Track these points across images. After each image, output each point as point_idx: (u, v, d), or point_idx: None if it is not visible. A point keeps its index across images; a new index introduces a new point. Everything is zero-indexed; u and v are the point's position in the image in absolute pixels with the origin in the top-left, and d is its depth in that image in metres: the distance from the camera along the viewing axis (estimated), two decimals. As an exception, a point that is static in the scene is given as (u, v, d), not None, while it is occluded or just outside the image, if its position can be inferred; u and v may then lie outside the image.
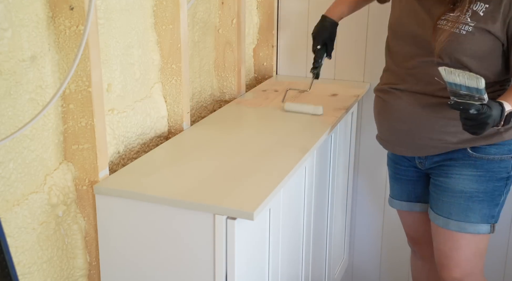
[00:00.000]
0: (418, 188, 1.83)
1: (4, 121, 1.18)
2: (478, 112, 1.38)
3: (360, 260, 2.59)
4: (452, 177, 1.67)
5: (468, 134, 1.56)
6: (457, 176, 1.66)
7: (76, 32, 1.29)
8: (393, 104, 1.69)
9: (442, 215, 1.68)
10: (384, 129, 1.76)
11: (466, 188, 1.65)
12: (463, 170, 1.65)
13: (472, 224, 1.65)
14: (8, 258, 0.96)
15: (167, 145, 1.66)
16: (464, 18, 1.54)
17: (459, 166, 1.65)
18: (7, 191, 1.21)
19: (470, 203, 1.64)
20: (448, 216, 1.67)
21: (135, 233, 1.38)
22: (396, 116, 1.69)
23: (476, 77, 1.36)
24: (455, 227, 1.66)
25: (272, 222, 1.45)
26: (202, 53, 2.02)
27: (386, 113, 1.72)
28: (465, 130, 1.45)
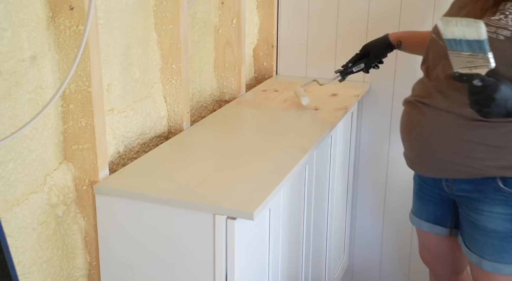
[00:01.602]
0: (439, 210, 1.70)
1: (4, 121, 1.18)
2: (483, 84, 1.24)
3: (360, 260, 2.59)
4: (482, 214, 1.52)
5: (498, 161, 1.46)
6: (487, 214, 1.51)
7: (76, 32, 1.29)
8: (416, 119, 1.57)
9: (476, 253, 1.56)
10: (406, 145, 1.65)
11: (499, 227, 1.50)
12: (494, 207, 1.50)
13: (507, 265, 1.52)
14: (8, 258, 0.96)
15: (167, 145, 1.66)
16: (506, 21, 1.38)
17: (490, 202, 1.50)
18: (7, 191, 1.21)
19: (504, 244, 1.51)
20: (482, 255, 1.54)
21: (135, 233, 1.38)
22: (417, 133, 1.57)
23: (474, 21, 1.19)
24: (489, 267, 1.54)
25: (272, 222, 1.45)
26: (202, 53, 2.02)
27: (409, 128, 1.62)
28: (471, 108, 1.31)
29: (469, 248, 1.58)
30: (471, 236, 1.57)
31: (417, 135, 1.58)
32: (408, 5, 2.24)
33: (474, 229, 1.56)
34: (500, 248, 1.51)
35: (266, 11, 2.40)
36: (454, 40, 1.24)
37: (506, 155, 1.45)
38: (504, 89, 1.25)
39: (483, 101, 1.27)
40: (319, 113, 1.95)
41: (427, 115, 1.54)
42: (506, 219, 1.49)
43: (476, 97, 1.28)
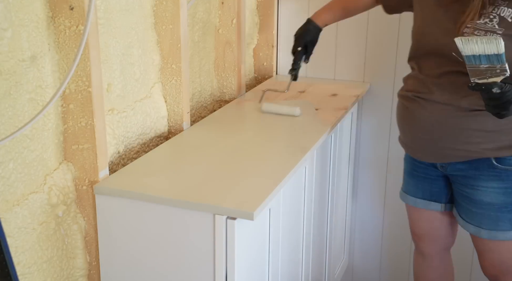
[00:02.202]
0: (435, 187, 1.80)
1: (4, 121, 1.18)
2: (502, 90, 1.34)
3: (360, 260, 2.59)
4: (478, 189, 1.64)
5: (493, 143, 1.58)
6: (483, 189, 1.64)
7: (76, 32, 1.29)
8: (416, 113, 1.67)
9: (473, 224, 1.68)
10: (406, 135, 1.75)
11: (494, 200, 1.63)
12: (489, 182, 1.62)
13: (503, 232, 1.65)
14: (8, 258, 0.96)
15: (167, 145, 1.66)
16: (492, 25, 1.48)
17: (485, 178, 1.63)
18: (7, 191, 1.21)
19: (499, 214, 1.64)
20: (479, 225, 1.67)
21: (135, 233, 1.38)
22: (419, 126, 1.67)
23: (494, 38, 1.31)
24: (487, 235, 1.66)
25: (272, 222, 1.45)
26: (202, 53, 2.02)
27: (409, 121, 1.71)
28: (488, 111, 1.42)
29: (465, 220, 1.70)
30: (467, 210, 1.69)
31: (418, 127, 1.67)
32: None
33: (470, 203, 1.67)
34: (495, 217, 1.64)
35: (266, 11, 2.40)
36: (474, 56, 1.35)
37: (500, 137, 1.58)
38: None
39: (502, 105, 1.39)
40: (319, 113, 1.96)
41: (427, 109, 1.64)
42: (500, 192, 1.62)
43: (495, 103, 1.40)
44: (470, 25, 1.51)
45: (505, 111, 1.40)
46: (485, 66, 1.35)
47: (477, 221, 1.67)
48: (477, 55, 1.35)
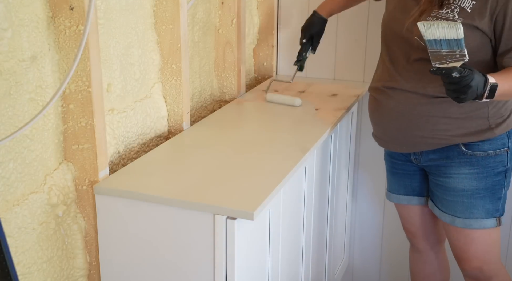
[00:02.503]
0: (415, 182, 1.86)
1: (4, 121, 1.18)
2: (461, 75, 1.39)
3: (360, 260, 2.59)
4: (451, 177, 1.70)
5: (460, 130, 1.64)
6: (455, 175, 1.69)
7: (76, 32, 1.29)
8: (385, 103, 1.72)
9: (448, 212, 1.73)
10: (378, 127, 1.80)
11: (466, 186, 1.68)
12: (460, 169, 1.68)
13: (477, 220, 1.69)
14: (8, 258, 0.96)
15: (167, 145, 1.66)
16: (452, 14, 1.56)
17: (456, 165, 1.68)
18: (7, 191, 1.21)
19: (472, 200, 1.68)
20: (454, 213, 1.71)
21: (135, 233, 1.38)
22: (388, 116, 1.72)
23: (454, 23, 1.38)
24: (461, 224, 1.71)
25: (272, 222, 1.45)
26: (202, 53, 2.02)
27: (379, 112, 1.76)
28: (448, 95, 1.46)
29: (441, 209, 1.75)
30: (442, 199, 1.74)
31: (388, 117, 1.73)
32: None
33: (444, 191, 1.73)
34: (469, 204, 1.69)
35: (266, 11, 2.40)
36: (435, 40, 1.41)
37: (465, 123, 1.64)
38: (476, 77, 1.42)
39: (461, 89, 1.42)
40: (319, 113, 1.96)
41: (394, 98, 1.70)
42: (471, 178, 1.67)
43: (454, 87, 1.43)
44: (433, 14, 1.59)
45: (464, 95, 1.43)
46: (446, 51, 1.40)
47: (452, 210, 1.71)
48: (438, 40, 1.40)
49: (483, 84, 1.43)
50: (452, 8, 1.57)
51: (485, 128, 1.64)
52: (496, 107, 1.64)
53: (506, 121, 1.66)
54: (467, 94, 1.42)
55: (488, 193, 1.68)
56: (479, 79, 1.42)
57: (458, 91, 1.43)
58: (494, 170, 1.67)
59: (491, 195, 1.68)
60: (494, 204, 1.69)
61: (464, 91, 1.42)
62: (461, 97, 1.44)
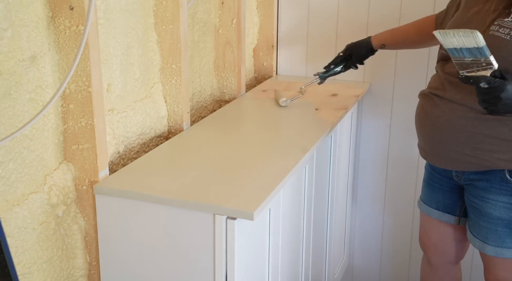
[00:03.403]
0: (448, 199, 1.75)
1: (4, 121, 1.18)
2: (489, 85, 1.32)
3: (360, 260, 2.59)
4: (488, 202, 1.58)
5: (507, 154, 1.51)
6: (493, 202, 1.57)
7: (76, 32, 1.29)
8: (429, 111, 1.62)
9: (478, 238, 1.63)
10: (420, 136, 1.69)
11: (503, 215, 1.57)
12: (500, 197, 1.56)
13: (508, 249, 1.59)
14: (8, 258, 0.96)
15: (167, 145, 1.66)
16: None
17: (496, 192, 1.56)
18: (7, 191, 1.21)
19: (507, 230, 1.58)
20: (485, 240, 1.61)
21: (135, 233, 1.38)
22: (430, 124, 1.62)
23: (471, 31, 1.28)
24: (491, 252, 1.61)
25: (272, 222, 1.45)
26: (202, 53, 2.02)
27: (422, 120, 1.66)
28: (480, 105, 1.39)
29: (472, 233, 1.64)
30: (475, 222, 1.63)
31: (430, 126, 1.62)
32: (408, 3, 2.23)
33: (478, 215, 1.61)
34: (502, 233, 1.58)
35: (266, 11, 2.39)
36: (455, 49, 1.32)
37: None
38: (510, 89, 1.32)
39: (491, 100, 1.35)
40: (319, 113, 1.95)
41: (440, 107, 1.58)
42: (510, 208, 1.55)
43: (483, 97, 1.36)
44: (497, 22, 1.47)
45: (493, 107, 1.37)
46: (470, 60, 1.32)
47: (483, 236, 1.61)
48: (459, 48, 1.32)
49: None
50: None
51: None
52: None
53: None
54: (497, 106, 1.35)
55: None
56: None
57: (487, 101, 1.36)
58: None
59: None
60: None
61: (493, 102, 1.35)
62: (491, 109, 1.38)
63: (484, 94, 1.35)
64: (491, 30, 1.47)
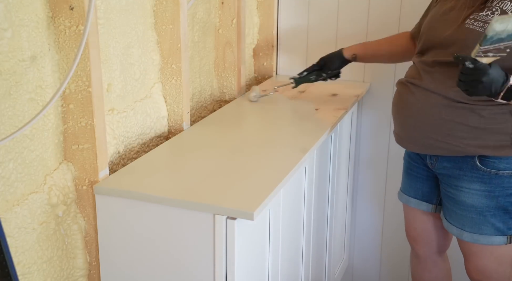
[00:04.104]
0: (426, 187, 1.81)
1: (4, 121, 1.18)
2: (474, 66, 1.37)
3: (360, 260, 2.59)
4: (460, 190, 1.65)
5: (476, 140, 1.57)
6: (466, 190, 1.64)
7: (76, 32, 1.29)
8: (405, 98, 1.69)
9: (456, 225, 1.69)
10: (396, 122, 1.75)
11: (477, 203, 1.62)
12: (472, 184, 1.62)
13: (485, 236, 1.64)
14: (8, 258, 0.96)
15: (167, 145, 1.66)
16: (492, 17, 1.50)
17: (468, 180, 1.62)
18: (7, 191, 1.21)
19: (482, 217, 1.63)
20: (462, 227, 1.67)
21: (135, 233, 1.38)
22: (406, 111, 1.68)
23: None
24: (469, 238, 1.66)
25: (272, 222, 1.45)
26: (202, 53, 2.02)
27: (398, 106, 1.73)
28: (458, 86, 1.43)
29: (449, 221, 1.71)
30: (451, 211, 1.70)
31: (405, 112, 1.69)
32: (408, 6, 2.23)
33: (453, 204, 1.68)
34: (478, 221, 1.64)
35: (266, 11, 2.39)
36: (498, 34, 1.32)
37: (484, 135, 1.57)
38: (491, 74, 1.38)
39: (472, 82, 1.40)
40: (319, 113, 1.96)
41: (415, 95, 1.66)
42: (482, 195, 1.61)
43: (465, 77, 1.40)
44: (472, 16, 1.55)
45: (473, 89, 1.41)
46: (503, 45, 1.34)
47: (460, 223, 1.67)
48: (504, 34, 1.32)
49: (501, 83, 1.40)
50: (493, 10, 1.53)
51: (505, 145, 1.56)
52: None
53: None
54: (477, 89, 1.40)
55: (500, 212, 1.61)
56: (496, 76, 1.38)
57: (467, 83, 1.40)
58: (508, 190, 1.60)
59: (502, 214, 1.61)
60: (505, 222, 1.62)
61: (473, 85, 1.39)
62: (470, 91, 1.42)
63: (467, 75, 1.39)
64: (466, 23, 1.55)
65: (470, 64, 1.37)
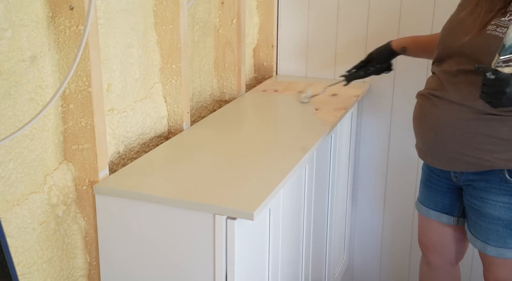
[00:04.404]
0: (446, 199, 1.74)
1: (4, 121, 1.18)
2: (496, 77, 1.31)
3: (360, 260, 2.59)
4: (487, 203, 1.58)
5: (506, 154, 1.51)
6: (493, 202, 1.57)
7: (76, 32, 1.29)
8: (428, 111, 1.61)
9: (479, 238, 1.63)
10: (419, 137, 1.69)
11: (503, 216, 1.57)
12: (499, 197, 1.56)
13: (510, 249, 1.59)
14: (8, 258, 0.96)
15: (167, 145, 1.66)
16: None
17: (495, 192, 1.56)
18: (7, 191, 1.21)
19: (507, 230, 1.57)
20: (486, 240, 1.61)
21: (135, 233, 1.38)
22: (429, 125, 1.61)
23: None
24: (493, 252, 1.61)
25: (272, 222, 1.45)
26: (202, 53, 2.02)
27: (421, 120, 1.65)
28: (481, 98, 1.38)
29: (473, 234, 1.64)
30: (475, 223, 1.63)
31: (429, 126, 1.61)
32: (408, 7, 2.23)
33: (478, 216, 1.61)
34: (504, 234, 1.57)
35: (266, 11, 2.39)
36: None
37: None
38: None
39: (495, 94, 1.34)
40: (319, 113, 1.96)
41: (439, 107, 1.58)
42: (510, 208, 1.55)
43: (488, 89, 1.34)
44: (494, 22, 1.48)
45: (496, 101, 1.36)
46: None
47: (484, 236, 1.61)
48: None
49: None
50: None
51: None
52: None
53: None
54: (501, 100, 1.34)
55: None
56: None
57: (490, 95, 1.35)
58: None
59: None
60: None
61: (497, 96, 1.34)
62: (494, 103, 1.37)
63: (489, 87, 1.34)
64: (488, 30, 1.48)
65: (491, 75, 1.31)
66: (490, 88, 1.34)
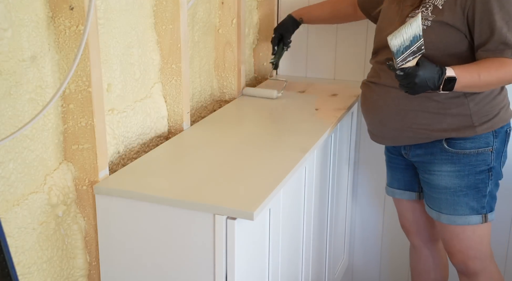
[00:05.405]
0: (406, 176, 1.90)
1: (4, 121, 1.18)
2: (404, 72, 1.47)
3: (360, 260, 2.59)
4: (433, 174, 1.74)
5: (440, 125, 1.68)
6: (438, 173, 1.73)
7: (76, 32, 1.29)
8: (368, 97, 1.80)
9: (434, 209, 1.78)
10: (367, 121, 1.85)
11: (449, 184, 1.72)
12: (442, 166, 1.72)
13: (461, 216, 1.72)
14: (8, 258, 0.96)
15: (167, 145, 1.66)
16: (427, 13, 1.62)
17: (438, 162, 1.72)
18: (7, 191, 1.21)
19: (455, 198, 1.72)
20: (439, 210, 1.76)
21: (135, 233, 1.38)
22: (372, 108, 1.79)
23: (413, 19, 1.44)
24: (446, 220, 1.75)
25: (272, 222, 1.45)
26: (202, 53, 2.02)
27: (365, 106, 1.83)
28: (400, 88, 1.54)
29: (428, 206, 1.81)
30: (429, 195, 1.79)
31: (371, 110, 1.80)
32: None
33: (430, 188, 1.78)
34: (452, 202, 1.73)
35: (266, 11, 2.39)
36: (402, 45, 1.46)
37: (445, 119, 1.67)
38: (422, 74, 1.48)
39: (408, 85, 1.51)
40: (319, 113, 1.96)
41: (376, 92, 1.77)
42: (453, 175, 1.71)
43: (402, 82, 1.52)
44: (410, 14, 1.65)
45: (411, 90, 1.51)
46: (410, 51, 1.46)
47: (437, 206, 1.76)
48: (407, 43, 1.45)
49: (438, 77, 1.49)
50: (426, 6, 1.63)
51: (467, 125, 1.66)
52: (479, 105, 1.66)
53: (492, 120, 1.67)
54: (414, 89, 1.51)
55: (472, 191, 1.70)
56: (428, 74, 1.48)
57: (405, 86, 1.51)
58: (476, 168, 1.69)
59: (475, 193, 1.70)
60: (479, 201, 1.71)
61: (410, 86, 1.50)
62: (410, 92, 1.52)
63: (402, 80, 1.50)
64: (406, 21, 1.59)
65: (400, 72, 1.48)
66: (402, 81, 1.51)
